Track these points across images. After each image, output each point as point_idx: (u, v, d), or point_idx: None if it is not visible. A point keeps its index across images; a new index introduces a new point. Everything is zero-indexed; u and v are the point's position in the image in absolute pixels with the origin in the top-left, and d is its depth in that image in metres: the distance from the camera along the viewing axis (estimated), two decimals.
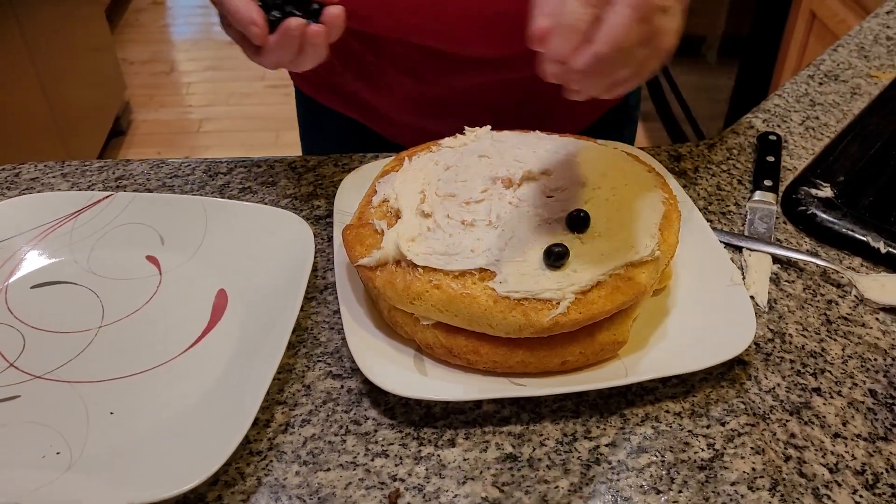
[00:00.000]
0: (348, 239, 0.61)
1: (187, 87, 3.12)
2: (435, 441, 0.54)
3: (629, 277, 0.56)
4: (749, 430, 0.55)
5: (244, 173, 0.79)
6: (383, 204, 0.63)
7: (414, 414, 0.56)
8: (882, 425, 0.55)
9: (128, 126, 2.83)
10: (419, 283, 0.56)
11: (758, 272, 0.67)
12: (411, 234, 0.58)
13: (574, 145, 0.68)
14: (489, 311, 0.54)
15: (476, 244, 0.57)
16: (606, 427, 0.55)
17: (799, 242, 0.71)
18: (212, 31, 3.57)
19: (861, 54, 0.97)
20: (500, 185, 0.62)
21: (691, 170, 0.79)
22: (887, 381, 0.58)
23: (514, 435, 0.55)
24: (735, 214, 0.74)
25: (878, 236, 0.68)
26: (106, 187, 0.77)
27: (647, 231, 0.59)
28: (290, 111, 3.22)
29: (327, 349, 0.61)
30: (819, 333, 0.62)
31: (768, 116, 0.86)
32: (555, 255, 0.55)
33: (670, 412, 0.56)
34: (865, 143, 0.79)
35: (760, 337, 0.62)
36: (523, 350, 0.56)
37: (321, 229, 0.72)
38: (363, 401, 0.57)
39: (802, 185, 0.74)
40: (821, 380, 0.59)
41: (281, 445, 0.54)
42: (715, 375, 0.59)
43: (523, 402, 0.57)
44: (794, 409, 0.57)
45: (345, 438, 0.54)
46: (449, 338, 0.57)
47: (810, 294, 0.65)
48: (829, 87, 0.91)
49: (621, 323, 0.58)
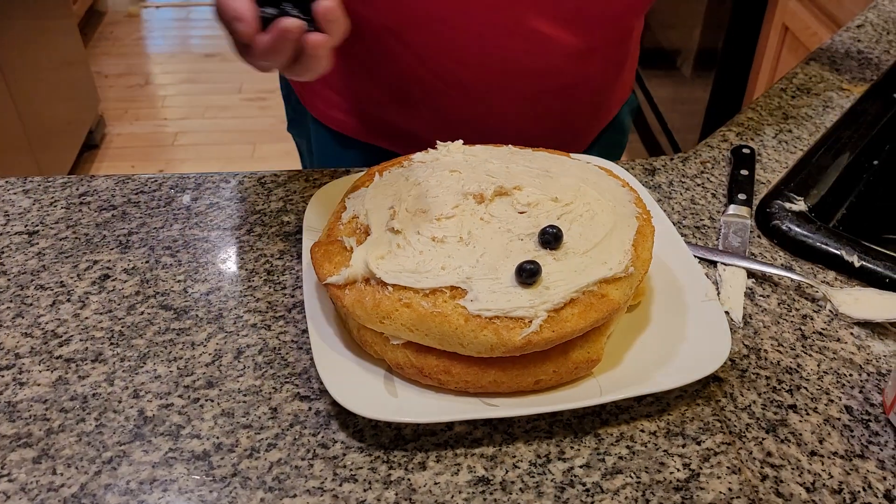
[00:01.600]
0: (316, 256, 0.60)
1: (162, 100, 3.09)
2: (405, 464, 0.53)
3: (602, 294, 0.55)
4: (725, 448, 0.54)
5: (212, 189, 0.77)
6: (353, 220, 0.62)
7: (384, 436, 0.55)
8: (858, 442, 0.55)
9: (101, 140, 2.79)
10: (389, 301, 0.55)
11: (732, 287, 0.66)
12: (381, 252, 0.57)
13: (546, 160, 0.67)
14: (460, 330, 0.53)
15: (447, 261, 0.56)
16: (580, 448, 0.54)
17: (773, 256, 0.70)
18: (188, 44, 3.54)
19: (833, 67, 0.97)
20: (472, 200, 0.61)
21: (665, 183, 0.79)
22: (863, 398, 0.58)
23: (486, 457, 0.54)
24: (709, 228, 0.73)
25: (851, 250, 0.68)
26: (69, 204, 0.75)
27: (621, 247, 0.58)
28: (266, 124, 3.20)
29: (295, 370, 0.59)
30: (794, 349, 0.62)
31: (742, 130, 0.86)
32: (527, 272, 0.54)
33: (645, 431, 0.55)
34: (838, 157, 0.79)
35: (736, 353, 0.61)
36: (495, 369, 0.55)
37: (290, 246, 0.70)
38: (331, 423, 0.56)
39: (776, 198, 0.74)
40: (797, 396, 0.58)
41: (245, 471, 0.52)
42: (690, 393, 0.58)
43: (496, 423, 0.56)
44: (770, 426, 0.56)
45: (312, 463, 0.53)
46: (419, 357, 0.55)
47: (785, 309, 0.65)
48: (802, 100, 0.91)
49: (595, 340, 0.57)
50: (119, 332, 0.62)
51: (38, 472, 0.52)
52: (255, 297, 0.65)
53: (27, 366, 0.59)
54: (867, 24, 1.07)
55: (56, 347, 0.61)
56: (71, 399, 0.57)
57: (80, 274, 0.67)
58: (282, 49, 0.52)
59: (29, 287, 0.66)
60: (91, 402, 0.56)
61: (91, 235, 0.71)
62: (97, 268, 0.68)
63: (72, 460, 0.53)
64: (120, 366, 0.59)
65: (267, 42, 0.52)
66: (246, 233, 0.72)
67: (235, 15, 0.51)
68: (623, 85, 0.92)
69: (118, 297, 0.65)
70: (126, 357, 0.60)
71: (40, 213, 0.74)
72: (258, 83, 3.18)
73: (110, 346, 0.61)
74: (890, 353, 0.61)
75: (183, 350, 0.61)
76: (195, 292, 0.66)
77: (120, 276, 0.67)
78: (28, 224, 0.73)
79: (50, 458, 0.53)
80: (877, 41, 1.03)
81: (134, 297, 0.65)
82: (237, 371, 0.59)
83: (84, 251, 0.70)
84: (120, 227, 0.72)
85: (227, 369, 0.59)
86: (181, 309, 0.64)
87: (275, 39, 0.51)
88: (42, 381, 0.58)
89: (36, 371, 0.59)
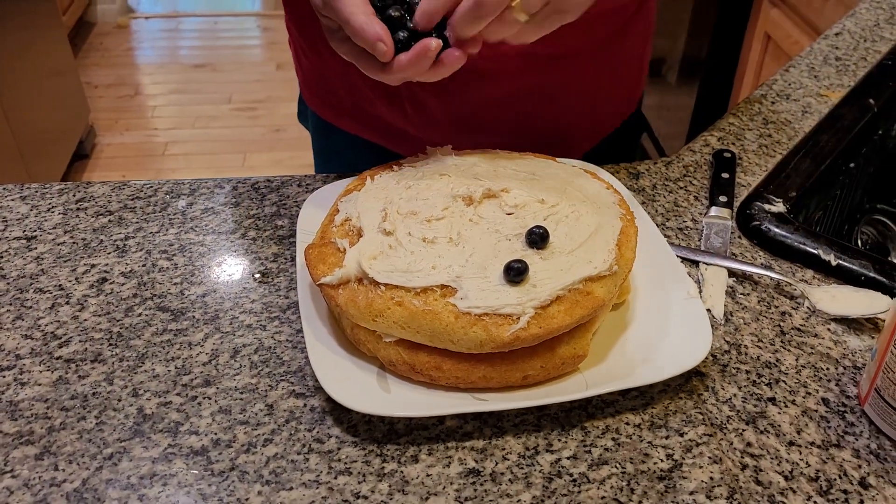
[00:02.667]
0: (310, 258, 0.61)
1: (152, 110, 3.10)
2: (398, 457, 0.55)
3: (588, 292, 0.57)
4: (707, 440, 0.56)
5: (207, 194, 0.79)
6: (345, 223, 0.63)
7: (377, 431, 0.56)
8: (835, 433, 0.57)
9: (92, 149, 2.80)
10: (381, 300, 0.56)
11: (714, 286, 0.68)
12: (373, 252, 0.59)
13: (533, 163, 0.69)
14: (451, 327, 0.55)
15: (437, 261, 0.58)
16: (568, 440, 0.56)
17: (753, 256, 0.72)
18: (177, 55, 3.56)
19: (811, 74, 1.00)
20: (461, 202, 0.63)
21: (649, 187, 0.81)
22: (839, 390, 0.60)
23: (476, 450, 0.55)
24: (692, 230, 0.75)
25: (828, 249, 0.70)
26: (66, 210, 0.77)
27: (605, 246, 0.60)
28: (256, 134, 3.22)
29: (290, 368, 0.61)
30: (774, 344, 0.64)
31: (723, 135, 0.89)
32: (514, 270, 0.56)
33: (630, 424, 0.57)
34: (816, 160, 0.82)
35: (717, 349, 0.63)
36: (485, 365, 0.57)
37: (284, 249, 0.72)
38: (326, 419, 0.57)
39: (756, 200, 0.76)
40: (776, 389, 0.60)
41: (243, 465, 0.54)
42: (673, 387, 0.60)
43: (486, 417, 0.58)
44: (750, 418, 0.58)
45: (307, 457, 0.55)
46: (411, 354, 0.57)
47: (765, 306, 0.67)
48: (782, 105, 0.93)
49: (581, 337, 0.58)
50: (118, 333, 0.63)
51: (41, 468, 0.53)
52: (251, 298, 0.67)
53: (28, 366, 0.61)
54: (845, 31, 1.10)
55: (56, 348, 0.62)
56: (71, 398, 0.58)
57: (78, 277, 0.69)
58: (421, 65, 0.58)
59: (28, 290, 0.67)
60: (91, 400, 0.58)
61: (88, 240, 0.73)
62: (95, 271, 0.69)
63: (73, 457, 0.54)
64: (119, 365, 0.61)
65: (408, 60, 0.58)
66: (241, 237, 0.74)
67: (378, 37, 0.56)
68: (622, 98, 0.93)
69: (116, 300, 0.67)
70: (125, 357, 0.61)
71: (38, 218, 0.76)
72: (248, 93, 3.20)
73: (109, 347, 0.62)
74: (865, 347, 0.63)
75: (180, 350, 0.62)
76: (192, 294, 0.67)
77: (117, 280, 0.69)
78: (26, 229, 0.74)
79: (52, 454, 0.54)
80: (854, 48, 1.05)
81: (132, 300, 0.67)
82: (234, 370, 0.61)
83: (82, 255, 0.71)
84: (117, 232, 0.74)
85: (223, 368, 0.61)
86: (178, 310, 0.66)
87: (417, 57, 0.58)
88: (43, 380, 0.59)
89: (37, 371, 0.60)
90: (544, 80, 0.83)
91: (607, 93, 0.90)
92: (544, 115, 0.86)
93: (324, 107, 0.93)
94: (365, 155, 0.93)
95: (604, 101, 0.91)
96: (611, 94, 0.91)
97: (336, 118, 0.92)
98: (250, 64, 3.46)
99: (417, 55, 0.58)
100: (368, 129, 0.90)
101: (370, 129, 0.90)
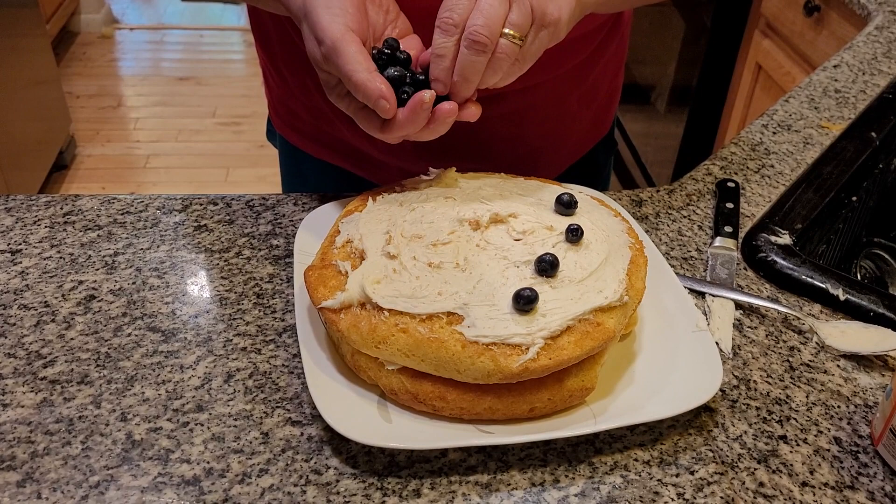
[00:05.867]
0: (311, 280, 0.59)
1: (135, 122, 3.06)
2: (399, 491, 0.52)
3: (598, 323, 0.56)
4: (718, 478, 0.54)
5: (199, 211, 0.76)
6: (347, 244, 0.61)
7: (377, 463, 0.54)
8: (848, 474, 0.55)
9: (71, 160, 2.76)
10: (385, 326, 0.54)
11: (721, 318, 0.67)
12: (377, 276, 0.57)
13: (539, 188, 0.67)
14: (457, 356, 0.53)
15: (443, 287, 0.56)
16: (575, 476, 0.54)
17: (760, 289, 0.71)
18: (160, 67, 3.53)
19: (812, 105, 0.99)
20: (468, 226, 0.61)
21: (652, 215, 0.79)
22: (851, 429, 0.59)
23: (481, 485, 0.53)
24: (696, 260, 0.74)
25: (836, 283, 0.69)
26: (53, 223, 0.74)
27: (616, 276, 0.58)
28: (240, 149, 3.19)
29: (286, 394, 0.58)
30: (783, 380, 0.62)
31: (725, 164, 0.88)
32: (524, 299, 0.54)
33: (639, 460, 0.55)
34: (820, 192, 0.81)
35: (726, 383, 0.62)
36: (491, 396, 0.55)
37: (280, 270, 0.70)
38: (324, 449, 0.55)
39: (761, 231, 0.75)
40: (787, 427, 0.58)
41: (237, 497, 0.51)
42: (682, 422, 0.58)
43: (490, 451, 0.55)
44: (761, 457, 0.56)
45: (305, 489, 0.52)
46: (414, 383, 0.55)
47: (773, 340, 0.66)
48: (783, 136, 0.93)
49: (590, 369, 0.57)
50: (105, 354, 0.61)
51: (23, 496, 0.50)
52: (245, 320, 0.65)
53: (10, 387, 0.58)
54: (843, 64, 1.10)
55: (40, 368, 0.59)
56: (56, 421, 0.55)
57: (64, 294, 0.66)
58: (419, 120, 0.57)
59: (12, 306, 0.64)
60: (77, 424, 0.55)
61: (76, 255, 0.70)
62: (82, 288, 0.67)
63: (57, 484, 0.51)
64: (107, 388, 0.58)
65: (405, 116, 0.57)
66: (235, 255, 0.71)
67: (381, 94, 0.56)
68: (594, 122, 0.93)
69: (104, 318, 0.64)
70: (113, 379, 0.59)
71: (23, 231, 0.73)
72: (232, 108, 3.17)
73: (97, 368, 0.59)
74: (876, 385, 0.62)
75: (171, 373, 0.59)
76: (183, 314, 0.65)
77: (106, 297, 0.66)
78: (11, 242, 0.71)
79: (35, 481, 0.51)
80: (853, 81, 1.05)
81: (121, 319, 0.64)
82: (227, 395, 0.58)
83: (69, 271, 0.68)
84: (105, 248, 0.71)
85: (216, 393, 0.58)
86: (169, 331, 0.63)
87: (413, 112, 0.57)
88: (26, 402, 0.57)
89: (20, 392, 0.57)
90: (513, 106, 0.82)
91: (577, 119, 0.89)
92: (514, 140, 0.85)
93: (289, 129, 0.92)
94: (331, 178, 0.92)
95: (573, 126, 0.89)
96: (581, 120, 0.90)
97: (301, 141, 0.91)
98: (235, 78, 3.43)
99: (412, 110, 0.57)
100: (333, 152, 0.89)
101: (335, 152, 0.89)
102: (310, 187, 0.95)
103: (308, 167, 0.94)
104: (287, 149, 0.96)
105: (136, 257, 0.70)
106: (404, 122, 0.58)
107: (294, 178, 0.98)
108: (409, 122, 0.58)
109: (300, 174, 0.96)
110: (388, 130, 0.59)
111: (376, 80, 0.56)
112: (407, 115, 0.57)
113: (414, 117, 0.57)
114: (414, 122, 0.58)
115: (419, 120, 0.58)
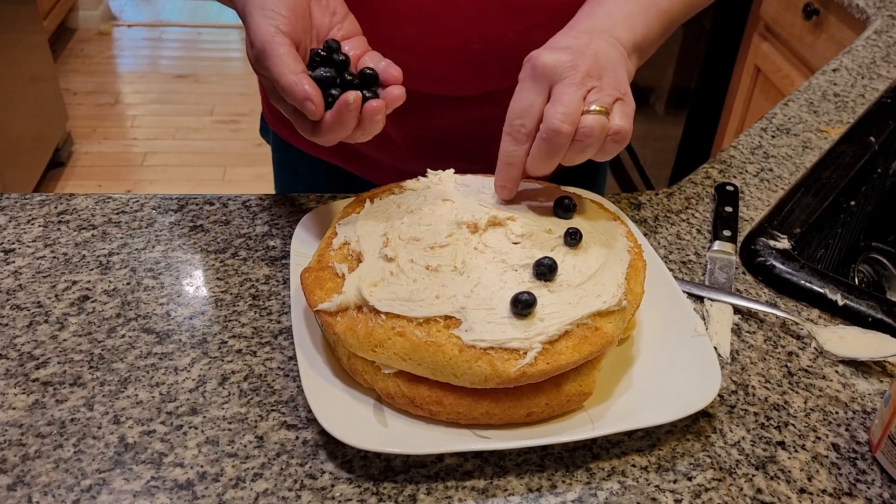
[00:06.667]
0: (307, 282, 0.59)
1: (132, 119, 3.05)
2: (395, 497, 0.52)
3: (596, 327, 0.55)
4: (716, 485, 0.54)
5: (195, 211, 0.76)
6: (344, 247, 0.61)
7: (373, 467, 0.54)
8: (846, 480, 0.55)
9: (68, 158, 2.75)
10: (382, 329, 0.54)
11: (719, 322, 0.66)
12: (374, 279, 0.56)
13: (538, 191, 0.67)
14: (455, 361, 0.53)
15: (441, 290, 0.55)
16: (572, 482, 0.54)
17: (758, 293, 0.71)
18: (158, 64, 3.52)
19: (811, 109, 0.99)
20: (466, 229, 0.60)
21: (651, 218, 0.79)
22: (849, 435, 0.58)
23: (477, 490, 0.53)
24: (695, 264, 0.74)
25: (835, 289, 0.69)
26: (47, 222, 0.73)
27: (614, 280, 0.58)
28: (238, 147, 3.18)
29: (282, 398, 0.58)
30: (781, 386, 0.62)
31: (724, 167, 0.87)
32: (522, 303, 0.53)
33: (637, 466, 0.55)
34: (819, 196, 0.80)
35: (724, 389, 0.61)
36: (488, 401, 0.54)
37: (276, 271, 0.69)
38: (319, 453, 0.54)
39: (760, 235, 0.75)
40: (785, 433, 0.58)
41: (231, 501, 0.51)
42: (680, 428, 0.58)
43: (487, 456, 0.55)
44: (759, 463, 0.56)
45: (299, 494, 0.52)
46: (411, 387, 0.55)
47: (771, 345, 0.65)
48: (782, 140, 0.93)
49: (587, 374, 0.56)
50: (99, 356, 0.60)
51: (13, 499, 0.50)
52: (241, 322, 0.64)
53: (1, 388, 0.57)
54: (842, 68, 1.10)
55: (33, 370, 0.59)
56: (48, 424, 0.55)
57: (58, 294, 0.65)
58: (347, 121, 0.56)
59: (4, 307, 0.64)
60: (69, 427, 0.55)
61: (70, 255, 0.70)
62: (76, 288, 0.66)
63: (49, 488, 0.51)
64: (100, 390, 0.57)
65: (333, 118, 0.56)
66: (231, 256, 0.71)
67: (306, 96, 0.54)
68: None
69: (98, 319, 0.63)
70: (106, 381, 0.58)
71: (17, 230, 0.72)
72: (230, 106, 3.17)
73: (90, 370, 0.59)
74: (874, 391, 0.62)
75: (165, 375, 0.59)
76: (178, 316, 0.64)
77: (100, 298, 0.65)
78: (4, 241, 0.71)
79: (25, 485, 0.51)
80: (852, 85, 1.05)
81: (115, 320, 0.63)
82: (222, 398, 0.58)
83: (62, 271, 0.68)
84: (100, 248, 0.71)
85: (211, 395, 0.58)
86: (164, 333, 0.63)
87: (339, 113, 0.55)
88: (18, 404, 0.56)
89: (11, 394, 0.57)
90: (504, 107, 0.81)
91: None
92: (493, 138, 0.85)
93: (282, 125, 0.91)
94: (324, 174, 0.92)
95: None
96: None
97: (293, 137, 0.91)
98: (233, 76, 3.43)
99: (338, 111, 0.55)
100: (325, 149, 0.88)
101: (327, 149, 0.88)
102: (302, 183, 0.95)
103: (300, 163, 0.94)
104: (280, 144, 0.96)
105: (131, 257, 0.70)
106: (331, 123, 0.56)
107: (286, 174, 0.98)
108: (336, 124, 0.56)
109: (292, 170, 0.96)
110: (318, 133, 0.57)
111: (303, 82, 0.54)
112: (333, 116, 0.56)
113: (340, 118, 0.55)
114: (341, 124, 0.56)
115: (347, 121, 0.56)
